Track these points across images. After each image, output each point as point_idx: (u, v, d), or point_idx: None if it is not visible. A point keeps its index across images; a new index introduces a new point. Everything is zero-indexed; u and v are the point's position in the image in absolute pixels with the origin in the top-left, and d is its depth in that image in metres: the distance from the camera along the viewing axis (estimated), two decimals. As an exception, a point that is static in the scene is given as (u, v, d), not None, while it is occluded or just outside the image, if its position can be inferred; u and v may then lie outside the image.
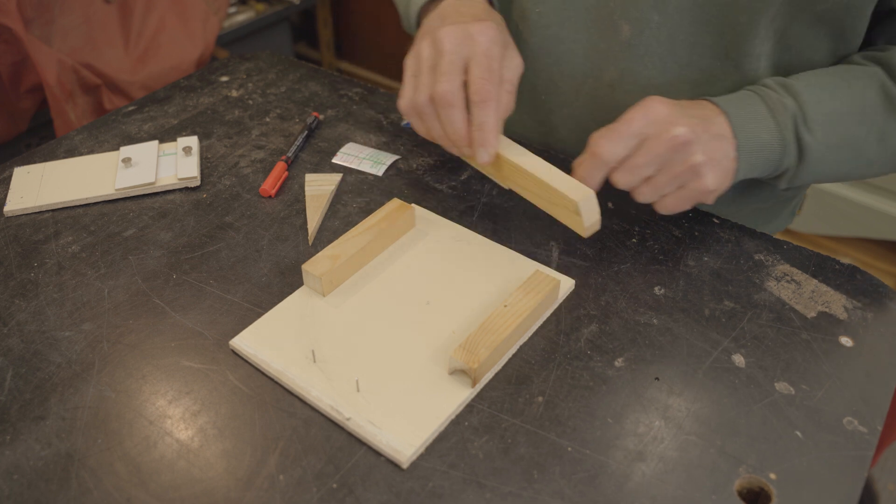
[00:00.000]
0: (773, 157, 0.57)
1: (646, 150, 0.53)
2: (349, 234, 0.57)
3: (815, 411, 0.47)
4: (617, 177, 0.55)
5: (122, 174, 0.67)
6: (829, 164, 0.58)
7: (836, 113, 0.57)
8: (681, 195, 0.55)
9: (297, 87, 0.83)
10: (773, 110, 0.56)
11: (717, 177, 0.54)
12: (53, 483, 0.44)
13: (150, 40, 1.50)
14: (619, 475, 0.44)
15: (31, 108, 1.40)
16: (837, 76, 0.59)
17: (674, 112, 0.54)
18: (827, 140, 0.57)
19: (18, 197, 0.65)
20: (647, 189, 0.55)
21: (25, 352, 0.52)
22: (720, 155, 0.55)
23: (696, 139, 0.53)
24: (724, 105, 0.57)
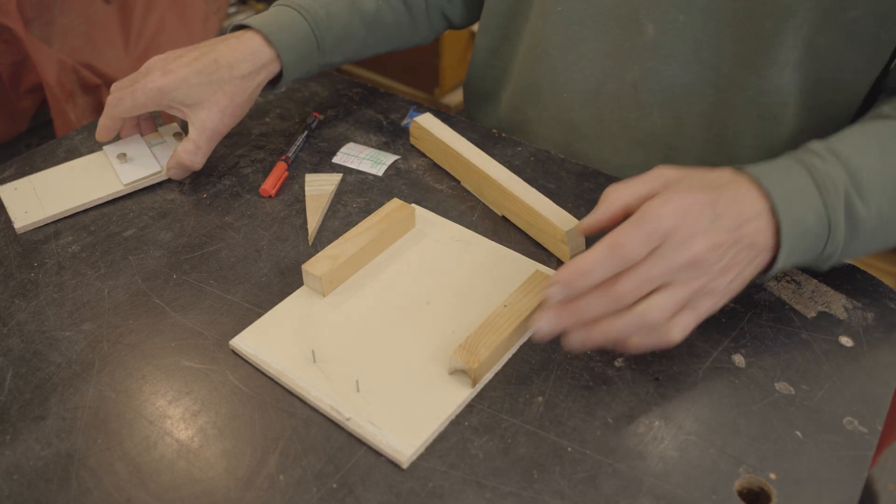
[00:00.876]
0: (818, 242, 0.49)
1: (662, 259, 0.44)
2: (349, 234, 0.57)
3: (815, 411, 0.47)
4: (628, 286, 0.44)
5: (123, 170, 0.67)
6: (878, 238, 0.51)
7: (889, 178, 0.50)
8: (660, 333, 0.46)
9: (297, 87, 0.83)
10: (822, 185, 0.48)
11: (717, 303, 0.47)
12: (53, 483, 0.44)
13: (150, 40, 1.50)
14: (619, 475, 0.44)
15: (31, 108, 1.40)
16: (880, 135, 0.52)
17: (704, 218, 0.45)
18: (881, 211, 0.50)
19: (22, 212, 0.63)
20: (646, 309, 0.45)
21: (25, 352, 0.52)
22: (737, 271, 0.47)
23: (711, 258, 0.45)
24: (767, 182, 0.48)
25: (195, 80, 0.64)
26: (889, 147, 0.51)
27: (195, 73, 0.64)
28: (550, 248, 0.59)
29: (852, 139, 0.52)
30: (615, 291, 0.44)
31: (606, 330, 0.45)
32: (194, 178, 0.68)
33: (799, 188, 0.48)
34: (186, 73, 0.64)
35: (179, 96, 0.64)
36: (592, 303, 0.45)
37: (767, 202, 0.47)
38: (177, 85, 0.63)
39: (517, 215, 0.62)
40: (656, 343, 0.46)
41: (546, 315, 0.46)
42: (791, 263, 0.49)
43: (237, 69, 0.66)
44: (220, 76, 0.65)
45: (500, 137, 0.74)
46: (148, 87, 0.63)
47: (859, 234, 0.50)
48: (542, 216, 0.59)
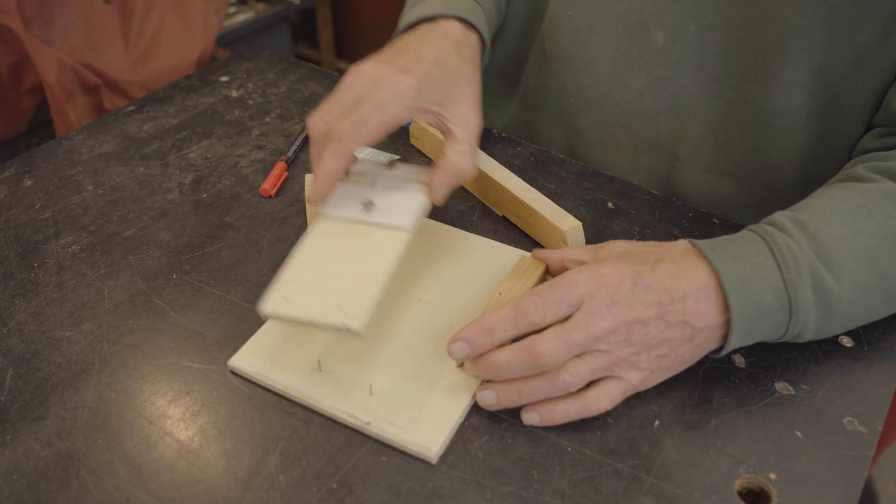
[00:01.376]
0: (780, 322, 0.46)
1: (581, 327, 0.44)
2: None
3: (815, 411, 0.47)
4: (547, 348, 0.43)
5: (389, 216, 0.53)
6: (860, 311, 0.48)
7: (862, 249, 0.46)
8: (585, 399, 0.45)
9: (297, 87, 0.83)
10: (781, 261, 0.45)
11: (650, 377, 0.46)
12: (53, 483, 0.44)
13: (150, 40, 1.50)
14: (619, 475, 0.44)
15: (31, 108, 1.40)
16: (852, 202, 0.48)
17: (625, 288, 0.44)
18: (857, 284, 0.46)
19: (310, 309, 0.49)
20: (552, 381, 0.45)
21: (25, 352, 0.52)
22: (668, 348, 0.45)
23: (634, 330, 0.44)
24: (717, 259, 0.45)
25: (436, 72, 0.54)
26: (861, 214, 0.47)
27: (432, 65, 0.54)
28: (551, 247, 0.59)
29: (821, 208, 0.48)
30: (534, 353, 0.44)
31: (519, 388, 0.45)
32: (194, 178, 0.69)
33: (756, 266, 0.45)
34: (426, 67, 0.53)
35: (431, 93, 0.53)
36: (510, 363, 0.44)
37: (715, 279, 0.45)
38: (425, 81, 0.52)
39: (517, 215, 0.62)
40: (584, 411, 0.45)
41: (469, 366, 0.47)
42: (751, 342, 0.47)
43: (464, 55, 0.58)
44: (454, 64, 0.56)
45: (500, 137, 0.74)
46: (398, 90, 0.51)
47: (835, 311, 0.46)
48: (541, 216, 0.59)
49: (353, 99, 0.52)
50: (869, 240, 0.47)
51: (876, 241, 0.47)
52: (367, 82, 0.52)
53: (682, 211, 0.64)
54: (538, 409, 0.46)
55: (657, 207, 0.65)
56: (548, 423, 0.46)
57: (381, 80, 0.52)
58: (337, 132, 0.50)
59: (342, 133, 0.50)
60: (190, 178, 0.69)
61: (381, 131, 0.51)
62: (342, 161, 0.51)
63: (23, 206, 0.65)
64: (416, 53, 0.55)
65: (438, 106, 0.54)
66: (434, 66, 0.54)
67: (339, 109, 0.52)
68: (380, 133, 0.51)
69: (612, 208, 0.65)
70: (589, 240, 0.60)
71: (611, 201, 0.65)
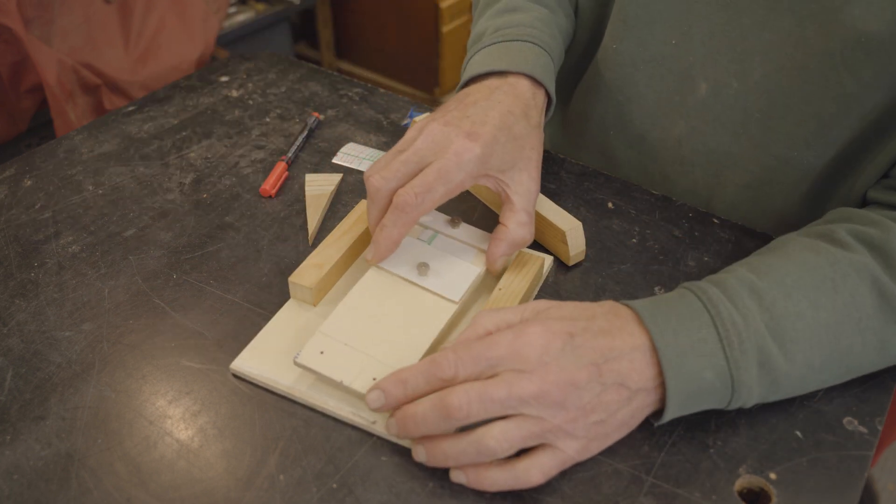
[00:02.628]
0: (720, 397, 0.44)
1: (505, 384, 0.41)
2: (328, 240, 0.57)
3: (815, 411, 0.47)
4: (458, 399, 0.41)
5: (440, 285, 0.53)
6: (810, 384, 0.46)
7: (821, 326, 0.44)
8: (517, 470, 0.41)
9: (297, 87, 0.83)
10: (725, 338, 0.43)
11: (588, 445, 0.43)
12: (53, 483, 0.44)
13: (150, 40, 1.50)
14: (618, 475, 0.44)
15: (31, 108, 1.40)
16: (819, 273, 0.45)
17: (554, 347, 0.42)
18: (810, 363, 0.44)
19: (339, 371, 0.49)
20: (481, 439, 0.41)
21: (25, 352, 0.52)
22: (605, 412, 0.42)
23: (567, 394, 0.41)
24: (656, 332, 0.43)
25: (503, 138, 0.52)
26: (826, 288, 0.45)
27: (499, 130, 0.52)
28: (551, 247, 0.59)
29: (784, 276, 0.45)
30: (444, 402, 0.41)
31: (445, 450, 0.42)
32: (194, 178, 0.69)
33: (697, 341, 0.43)
34: (493, 133, 0.52)
35: (496, 162, 0.52)
36: (423, 413, 0.42)
37: (649, 339, 0.43)
38: (492, 148, 0.51)
39: None
40: (513, 482, 0.41)
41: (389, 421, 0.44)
42: (688, 412, 0.45)
43: (531, 118, 0.56)
44: (519, 130, 0.54)
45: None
46: (464, 158, 0.50)
47: (781, 386, 0.45)
48: (542, 216, 0.59)
49: (416, 159, 0.51)
50: (830, 317, 0.44)
51: (837, 319, 0.44)
52: (433, 144, 0.51)
53: (682, 211, 0.64)
54: (467, 473, 0.42)
55: (657, 207, 0.65)
56: (474, 485, 0.42)
57: (447, 145, 0.51)
58: (402, 202, 0.50)
59: (407, 204, 0.50)
60: (190, 178, 0.69)
61: (444, 200, 0.51)
62: (405, 229, 0.51)
63: (23, 206, 0.65)
64: (482, 115, 0.53)
65: (501, 172, 0.53)
66: (500, 132, 0.52)
67: (402, 170, 0.51)
68: (443, 201, 0.51)
69: (612, 208, 0.65)
70: (589, 240, 0.60)
71: (611, 201, 0.65)
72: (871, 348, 0.45)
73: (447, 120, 0.53)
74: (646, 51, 0.64)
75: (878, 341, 0.45)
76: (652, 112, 0.67)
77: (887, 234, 0.47)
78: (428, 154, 0.51)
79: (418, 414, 0.42)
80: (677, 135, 0.66)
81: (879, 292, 0.45)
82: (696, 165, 0.66)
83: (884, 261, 0.46)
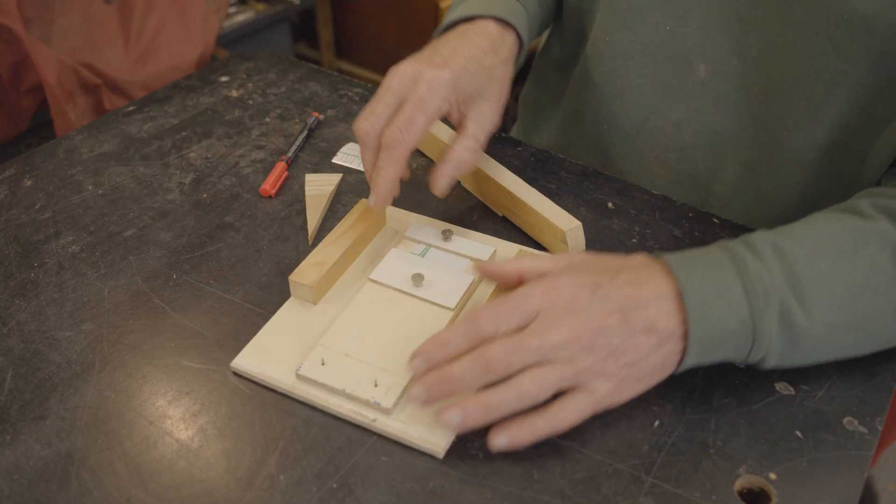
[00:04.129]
0: (740, 347, 0.45)
1: (537, 333, 0.43)
2: (328, 239, 0.57)
3: (815, 411, 0.47)
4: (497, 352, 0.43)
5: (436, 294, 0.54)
6: (830, 348, 0.47)
7: (840, 288, 0.45)
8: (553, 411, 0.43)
9: (297, 87, 0.83)
10: (750, 290, 0.44)
11: (620, 387, 0.44)
12: (53, 483, 0.44)
13: (150, 40, 1.50)
14: (618, 475, 0.44)
15: (31, 108, 1.40)
16: (841, 238, 0.47)
17: (583, 296, 0.44)
18: (828, 322, 0.45)
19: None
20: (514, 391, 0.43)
21: (25, 352, 0.52)
22: (636, 356, 0.44)
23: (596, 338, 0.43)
24: (683, 277, 0.45)
25: (471, 66, 0.55)
26: (847, 251, 0.46)
27: (468, 59, 0.55)
28: (551, 248, 0.59)
29: (806, 238, 0.47)
30: (483, 355, 0.43)
31: (485, 401, 0.43)
32: (194, 178, 0.69)
33: (723, 289, 0.44)
34: (462, 61, 0.55)
35: (466, 87, 0.55)
36: (461, 366, 0.43)
37: (675, 286, 0.45)
38: (460, 74, 0.54)
39: (517, 215, 0.62)
40: (551, 426, 0.43)
41: (418, 386, 0.44)
42: (709, 362, 0.46)
43: (500, 53, 0.59)
44: (488, 62, 0.57)
45: (500, 137, 0.74)
46: (436, 84, 0.53)
47: (801, 345, 0.46)
48: (542, 216, 0.59)
49: (394, 99, 0.54)
50: (849, 279, 0.46)
51: (856, 282, 0.46)
52: (406, 81, 0.54)
53: (683, 211, 0.64)
54: (507, 428, 0.43)
55: (657, 207, 0.65)
56: (516, 443, 0.43)
57: (419, 77, 0.54)
58: (389, 140, 0.52)
59: (394, 140, 0.52)
60: (190, 178, 0.69)
61: (427, 128, 0.53)
62: (400, 165, 0.53)
63: (23, 206, 0.65)
64: (452, 51, 0.56)
65: (466, 98, 0.55)
66: (469, 62, 0.55)
67: (384, 111, 0.54)
68: (427, 130, 0.53)
69: (612, 208, 0.65)
70: (589, 240, 0.60)
71: (611, 201, 0.65)
72: (888, 314, 0.46)
73: (418, 58, 0.56)
74: (639, 41, 0.65)
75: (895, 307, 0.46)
76: (648, 101, 0.67)
77: None
78: (403, 90, 0.54)
79: (455, 372, 0.43)
80: (676, 120, 0.66)
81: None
82: (698, 148, 0.67)
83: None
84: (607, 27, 0.66)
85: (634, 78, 0.67)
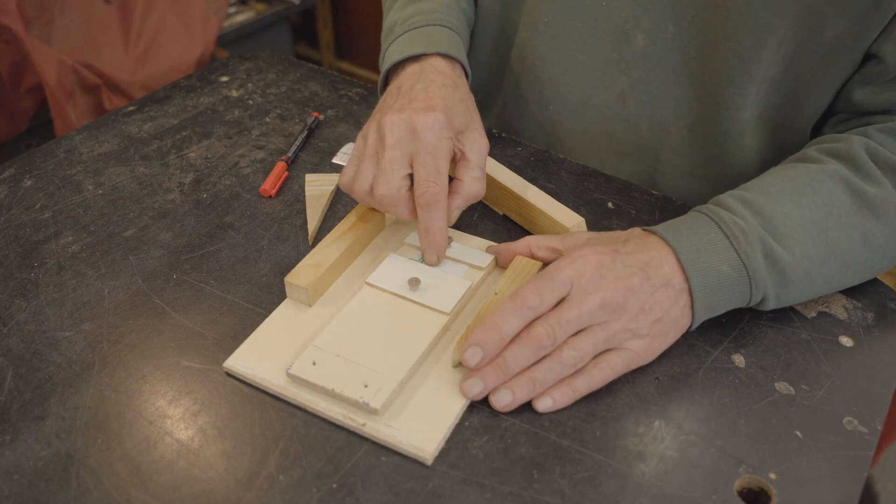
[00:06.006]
0: (740, 290, 0.50)
1: (574, 304, 0.47)
2: (326, 240, 0.57)
3: (815, 411, 0.47)
4: (543, 329, 0.47)
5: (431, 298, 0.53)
6: (817, 280, 0.51)
7: (809, 223, 0.50)
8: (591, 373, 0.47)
9: (297, 87, 0.83)
10: (731, 236, 0.49)
11: (651, 343, 0.49)
12: (53, 483, 0.44)
13: (150, 40, 1.50)
14: (619, 475, 0.44)
15: (31, 108, 1.40)
16: (798, 181, 0.52)
17: (606, 262, 0.49)
18: (807, 254, 0.50)
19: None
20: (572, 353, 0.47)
21: (25, 352, 0.52)
22: (661, 311, 0.48)
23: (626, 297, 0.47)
24: (672, 239, 0.50)
25: (451, 102, 0.57)
26: (806, 191, 0.51)
27: (445, 98, 0.57)
28: None
29: (766, 187, 0.52)
30: (531, 336, 0.47)
31: (530, 377, 0.47)
32: (194, 178, 0.69)
33: (708, 241, 0.49)
34: (443, 101, 0.56)
35: (456, 123, 0.56)
36: (514, 352, 0.47)
37: (670, 247, 0.50)
38: (450, 113, 0.56)
39: (519, 213, 0.62)
40: (589, 383, 0.47)
41: (473, 378, 0.47)
42: (719, 312, 0.51)
43: (460, 87, 0.61)
44: (459, 96, 0.59)
45: (500, 137, 0.74)
46: (436, 128, 0.54)
47: (790, 279, 0.50)
48: (545, 214, 0.58)
49: (401, 154, 0.54)
50: (815, 214, 0.51)
51: (822, 216, 0.51)
52: (403, 133, 0.54)
53: (682, 211, 0.64)
54: (552, 394, 0.47)
55: (657, 207, 0.65)
56: (560, 402, 0.47)
57: (414, 125, 0.54)
58: (429, 198, 0.53)
59: (433, 196, 0.53)
60: (190, 178, 0.69)
61: (447, 171, 0.54)
62: (445, 216, 0.54)
63: (23, 206, 0.65)
64: (424, 93, 0.57)
65: (459, 133, 0.57)
66: (448, 100, 0.57)
67: (399, 171, 0.54)
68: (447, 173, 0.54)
69: (612, 208, 0.65)
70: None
71: (611, 201, 0.65)
72: (856, 241, 0.51)
73: (398, 108, 0.56)
74: (577, 17, 0.66)
75: (861, 234, 0.52)
76: (591, 76, 0.69)
77: (850, 144, 0.54)
78: (405, 143, 0.54)
79: (509, 360, 0.47)
80: (619, 91, 0.68)
81: (852, 192, 0.52)
82: (642, 118, 0.69)
83: (851, 165, 0.53)
84: (545, 10, 0.68)
85: (576, 55, 0.68)
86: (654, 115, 0.68)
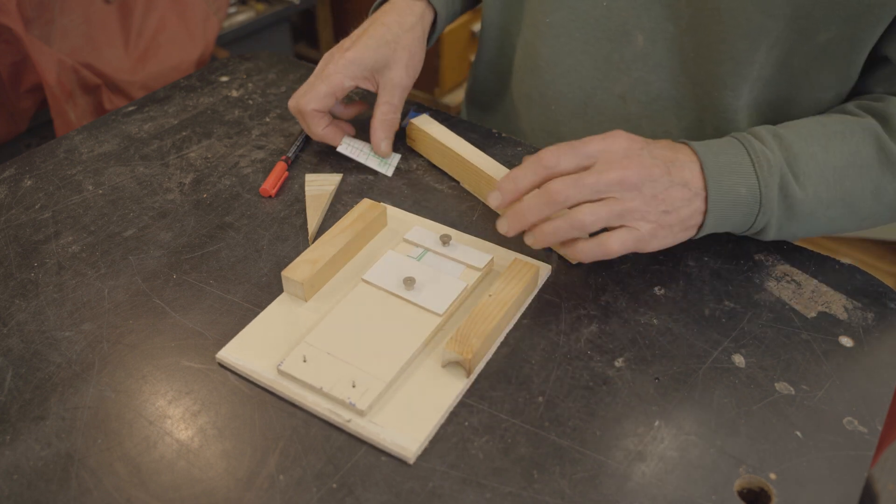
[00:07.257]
0: (750, 212, 0.54)
1: (595, 172, 0.51)
2: (325, 237, 0.57)
3: (815, 411, 0.47)
4: (558, 185, 0.51)
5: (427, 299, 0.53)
6: (820, 220, 0.56)
7: (829, 168, 0.54)
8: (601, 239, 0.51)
9: (297, 87, 0.83)
10: (756, 163, 0.53)
11: (656, 231, 0.51)
12: (53, 483, 0.44)
13: (150, 40, 1.50)
14: (619, 475, 0.44)
15: (31, 108, 1.40)
16: (831, 128, 0.56)
17: (634, 147, 0.52)
18: (818, 195, 0.54)
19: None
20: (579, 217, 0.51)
21: (25, 352, 0.52)
22: (671, 206, 0.51)
23: (644, 182, 0.50)
24: (702, 152, 0.53)
25: (373, 43, 0.67)
26: (836, 139, 0.55)
27: (370, 38, 0.67)
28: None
29: (801, 127, 0.56)
30: (545, 188, 0.51)
31: (546, 229, 0.52)
32: (194, 178, 0.69)
33: (734, 162, 0.53)
34: (364, 41, 0.67)
35: (369, 62, 0.66)
36: (528, 200, 0.52)
37: (699, 168, 0.53)
38: (362, 53, 0.66)
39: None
40: (598, 249, 0.51)
41: (502, 219, 0.54)
42: (722, 229, 0.55)
43: (404, 23, 0.68)
44: (393, 34, 0.67)
45: (501, 137, 0.74)
46: (339, 63, 0.66)
47: (796, 214, 0.54)
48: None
49: (313, 79, 0.68)
50: (838, 161, 0.54)
51: (844, 164, 0.54)
52: (322, 64, 0.68)
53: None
54: (564, 247, 0.54)
55: (657, 207, 0.65)
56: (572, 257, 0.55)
57: (329, 59, 0.68)
58: (302, 107, 0.67)
59: (305, 107, 0.67)
60: (190, 178, 0.69)
61: (328, 95, 0.66)
62: (319, 121, 0.68)
63: (23, 206, 0.65)
64: (360, 32, 0.68)
65: (375, 72, 0.67)
66: (371, 39, 0.67)
67: (305, 87, 0.68)
68: (328, 97, 0.67)
69: (612, 208, 0.65)
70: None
71: (611, 201, 0.65)
72: (867, 193, 0.55)
73: (338, 46, 0.69)
74: (579, 18, 0.67)
75: (874, 187, 0.55)
76: (592, 76, 0.69)
77: (888, 104, 0.57)
78: (320, 72, 0.68)
79: (524, 206, 0.52)
80: (620, 91, 0.69)
81: (880, 147, 0.55)
82: (643, 118, 0.69)
83: (885, 123, 0.56)
84: (546, 10, 0.68)
85: (578, 55, 0.69)
86: (653, 115, 0.68)
